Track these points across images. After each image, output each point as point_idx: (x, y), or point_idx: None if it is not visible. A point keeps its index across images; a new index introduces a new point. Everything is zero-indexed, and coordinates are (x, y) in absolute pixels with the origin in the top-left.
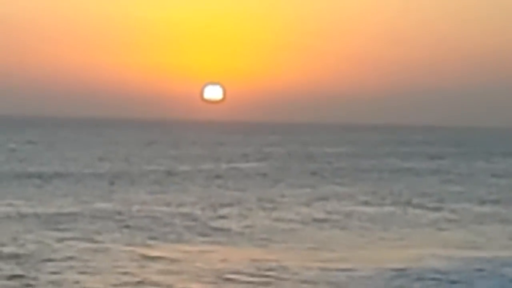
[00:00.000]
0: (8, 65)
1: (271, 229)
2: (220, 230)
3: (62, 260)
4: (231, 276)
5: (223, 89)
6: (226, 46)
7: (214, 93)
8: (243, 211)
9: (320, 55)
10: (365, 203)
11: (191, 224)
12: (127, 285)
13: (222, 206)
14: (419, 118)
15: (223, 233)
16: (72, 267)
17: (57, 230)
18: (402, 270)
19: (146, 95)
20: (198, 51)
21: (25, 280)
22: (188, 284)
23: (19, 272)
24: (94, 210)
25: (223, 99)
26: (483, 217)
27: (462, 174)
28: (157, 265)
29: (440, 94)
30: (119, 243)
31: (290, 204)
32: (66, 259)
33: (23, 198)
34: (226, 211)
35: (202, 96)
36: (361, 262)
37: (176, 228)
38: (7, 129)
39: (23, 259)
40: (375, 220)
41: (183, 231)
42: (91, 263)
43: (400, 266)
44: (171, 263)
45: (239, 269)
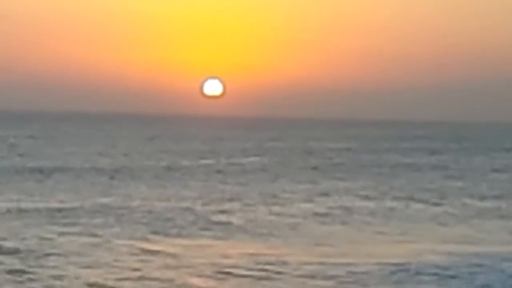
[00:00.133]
0: (9, 59)
1: (271, 224)
2: (221, 224)
3: (63, 254)
4: (231, 271)
5: (222, 84)
6: (226, 41)
7: (213, 88)
8: (243, 206)
9: (320, 50)
10: (365, 198)
11: (192, 218)
12: (127, 279)
13: (222, 201)
14: (420, 113)
15: (224, 227)
16: (73, 262)
17: (57, 224)
18: (402, 265)
19: (146, 90)
20: (197, 46)
21: (26, 275)
22: (188, 279)
23: (20, 266)
24: (94, 205)
25: (223, 94)
26: (484, 212)
27: (462, 169)
28: (157, 259)
29: (440, 89)
30: (120, 237)
31: (291, 199)
32: (66, 253)
33: (23, 193)
34: (226, 206)
35: (201, 91)
36: (360, 257)
37: (176, 223)
38: (7, 123)
39: (24, 253)
40: (375, 215)
41: (183, 226)
42: (92, 257)
43: (399, 261)
44: (171, 258)
45: (239, 263)
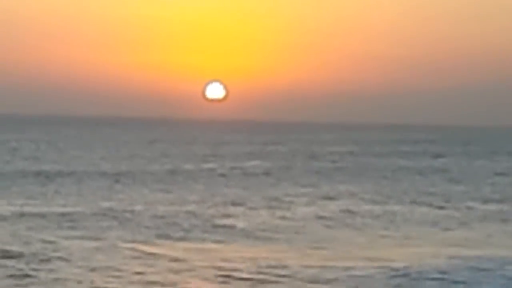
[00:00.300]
0: (11, 63)
1: (274, 227)
2: (223, 228)
3: (67, 258)
4: (232, 274)
5: (225, 87)
6: (228, 45)
7: (216, 91)
8: (246, 210)
9: (322, 54)
10: (368, 202)
11: (195, 222)
12: (131, 283)
13: (225, 204)
14: (421, 117)
15: (226, 231)
16: (76, 266)
17: (61, 228)
18: (403, 269)
19: (148, 93)
20: (200, 49)
21: (29, 279)
22: (191, 282)
23: (23, 270)
24: (98, 209)
25: (225, 98)
26: (487, 216)
27: (465, 173)
28: (160, 263)
29: (441, 93)
30: (123, 241)
31: (293, 203)
32: (70, 257)
33: (26, 197)
34: (229, 209)
35: (204, 95)
36: (362, 260)
37: (179, 227)
38: (9, 127)
39: (27, 257)
40: (377, 219)
41: (186, 230)
42: (95, 261)
43: (401, 265)
44: (174, 261)
45: (241, 267)
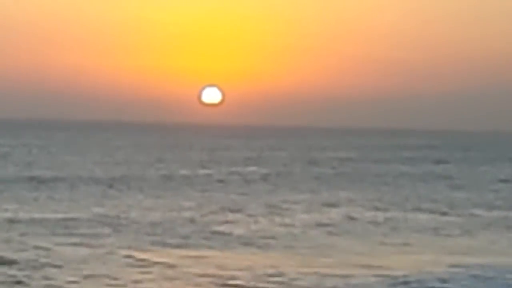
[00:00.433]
0: (4, 67)
1: (272, 234)
2: (220, 235)
3: (60, 265)
4: (229, 282)
5: (221, 91)
6: (225, 48)
7: (212, 96)
8: (244, 217)
9: (321, 57)
10: (368, 208)
11: (191, 229)
12: None
13: (222, 211)
14: (421, 121)
15: (223, 238)
16: (69, 273)
17: (55, 235)
18: (402, 277)
19: (143, 97)
20: (196, 53)
21: (22, 286)
22: None
23: (16, 277)
24: (92, 215)
25: (222, 102)
26: (490, 222)
27: (467, 179)
28: (155, 270)
29: (442, 97)
30: (118, 248)
31: (292, 210)
32: (64, 264)
33: (20, 203)
34: (226, 216)
35: (200, 99)
36: (361, 268)
37: (175, 233)
38: (2, 132)
39: (20, 264)
40: (378, 226)
41: (182, 236)
42: (89, 268)
43: (400, 273)
44: (170, 268)
45: (237, 274)
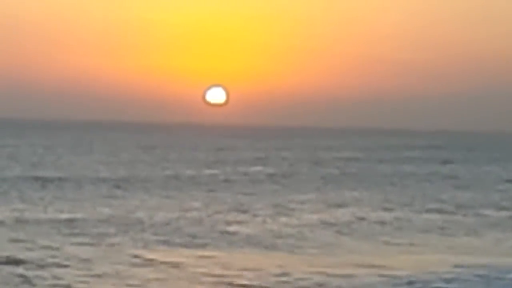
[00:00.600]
0: (10, 67)
1: (278, 234)
2: (226, 235)
3: (67, 265)
4: (234, 281)
5: (226, 91)
6: (230, 48)
7: (217, 96)
8: (249, 217)
9: (325, 58)
10: (374, 209)
11: (197, 229)
12: (128, 287)
13: (228, 211)
14: (428, 122)
15: (229, 238)
16: (76, 273)
17: (60, 235)
18: (406, 277)
19: (148, 98)
20: (200, 53)
21: (29, 286)
22: None
23: (23, 277)
24: (97, 215)
25: (226, 102)
26: (496, 222)
27: (473, 179)
28: (161, 269)
29: (447, 98)
30: (124, 248)
31: (298, 210)
32: (70, 264)
33: (26, 203)
34: (232, 216)
35: (204, 99)
36: (366, 268)
37: (181, 233)
38: (8, 132)
39: (27, 264)
40: (384, 226)
41: (188, 236)
42: (96, 268)
43: (404, 273)
44: (176, 268)
45: (242, 274)
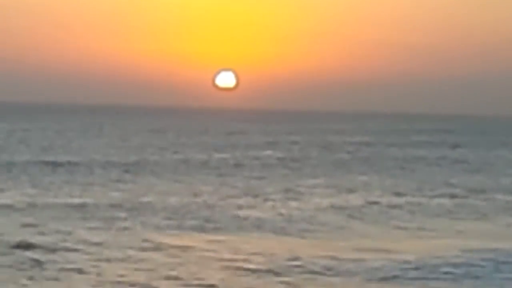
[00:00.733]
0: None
1: (288, 218)
2: (236, 219)
3: (78, 249)
4: (243, 265)
5: (236, 76)
6: (240, 32)
7: (227, 80)
8: (260, 201)
9: (335, 41)
10: (384, 193)
11: (207, 213)
12: (142, 273)
13: (238, 195)
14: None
15: (239, 222)
16: (87, 257)
17: (72, 219)
18: (415, 261)
19: (158, 81)
20: (210, 37)
21: (42, 269)
22: (201, 273)
23: (36, 261)
24: (108, 199)
25: (236, 86)
26: (506, 207)
27: (483, 163)
28: (171, 253)
29: (457, 81)
30: (134, 232)
31: (308, 194)
32: (82, 248)
33: (37, 187)
34: (242, 200)
35: (214, 83)
36: (374, 252)
37: (191, 217)
38: (19, 116)
39: (40, 248)
40: (393, 210)
41: (198, 220)
42: (106, 252)
43: (413, 258)
44: (185, 252)
45: (252, 258)
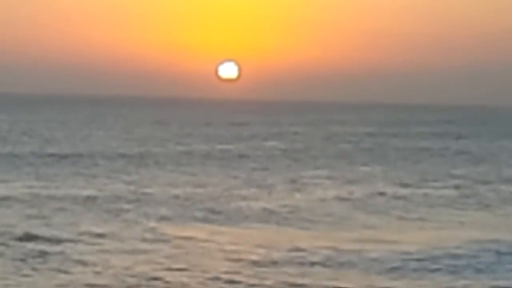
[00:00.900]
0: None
1: (291, 209)
2: (239, 210)
3: (81, 240)
4: (243, 257)
5: (238, 66)
6: (241, 23)
7: (229, 71)
8: (263, 192)
9: (337, 32)
10: (387, 184)
11: (211, 204)
12: (145, 263)
13: (241, 186)
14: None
15: (242, 213)
16: (90, 248)
17: (75, 210)
18: (416, 253)
19: (160, 72)
20: (212, 27)
21: (46, 260)
22: (202, 264)
23: (41, 252)
24: (112, 191)
25: (239, 77)
26: (509, 197)
27: (487, 154)
28: (173, 244)
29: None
30: (137, 223)
31: (312, 184)
32: (84, 239)
33: (40, 179)
34: (245, 191)
35: (217, 74)
36: (376, 243)
37: (195, 208)
38: (23, 108)
39: (44, 239)
40: (396, 201)
41: (202, 211)
42: (110, 243)
43: (414, 249)
44: (188, 243)
45: (253, 250)
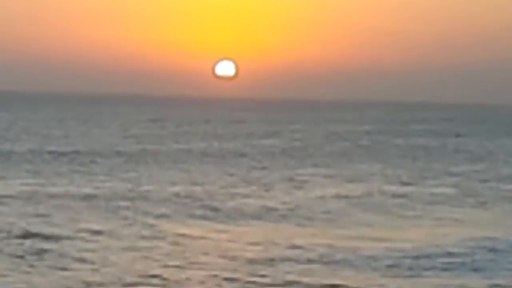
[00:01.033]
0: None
1: (289, 207)
2: (237, 208)
3: (79, 238)
4: (239, 255)
5: (235, 65)
6: (239, 21)
7: (226, 69)
8: (261, 190)
9: (336, 29)
10: (385, 182)
11: (207, 202)
12: (140, 259)
13: (239, 184)
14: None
15: (239, 211)
16: (89, 245)
17: (74, 208)
18: (412, 250)
19: (157, 70)
20: (210, 26)
21: (44, 258)
22: (198, 261)
23: (37, 250)
24: (110, 188)
25: (236, 75)
26: (507, 196)
27: (485, 152)
28: (170, 241)
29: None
30: (135, 221)
31: (310, 182)
32: (83, 237)
33: (39, 177)
34: (243, 189)
35: (214, 72)
36: (372, 241)
37: (192, 206)
38: (21, 106)
39: (41, 237)
40: (393, 199)
41: (198, 209)
42: (108, 240)
43: (410, 247)
44: (184, 240)
45: (249, 248)
